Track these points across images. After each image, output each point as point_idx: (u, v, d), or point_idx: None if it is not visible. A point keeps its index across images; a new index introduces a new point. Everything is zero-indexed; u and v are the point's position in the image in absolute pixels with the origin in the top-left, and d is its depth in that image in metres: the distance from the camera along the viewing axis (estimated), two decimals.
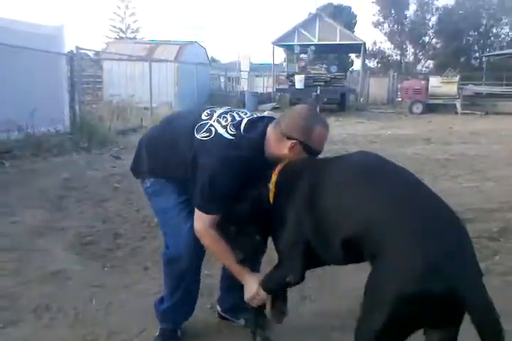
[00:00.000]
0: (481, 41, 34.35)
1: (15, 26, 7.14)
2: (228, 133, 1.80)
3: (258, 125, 1.85)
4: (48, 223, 3.82)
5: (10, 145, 6.50)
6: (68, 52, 8.65)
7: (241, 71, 22.90)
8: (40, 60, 7.51)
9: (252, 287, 1.82)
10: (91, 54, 18.32)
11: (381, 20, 32.69)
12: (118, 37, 34.57)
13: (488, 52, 31.12)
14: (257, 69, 24.92)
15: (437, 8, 32.45)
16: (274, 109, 15.56)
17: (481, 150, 7.84)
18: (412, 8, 32.10)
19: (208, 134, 1.80)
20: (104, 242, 3.40)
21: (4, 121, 6.35)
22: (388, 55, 34.14)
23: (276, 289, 1.82)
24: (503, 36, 35.06)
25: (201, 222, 1.80)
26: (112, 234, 3.55)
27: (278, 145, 1.80)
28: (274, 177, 1.73)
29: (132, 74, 13.17)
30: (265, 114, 13.69)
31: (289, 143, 1.76)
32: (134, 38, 33.40)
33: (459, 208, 4.05)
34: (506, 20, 34.33)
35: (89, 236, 3.52)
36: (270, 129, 1.83)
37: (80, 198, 4.60)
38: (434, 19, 32.47)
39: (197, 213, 1.81)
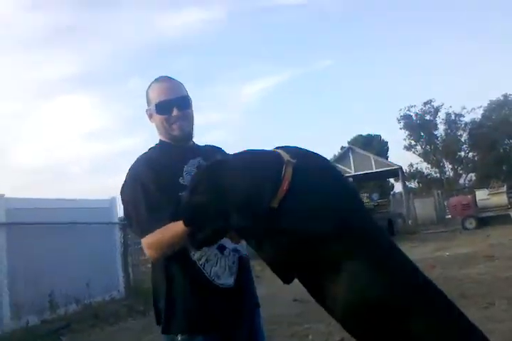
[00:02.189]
0: None
1: (74, 205, 7.84)
2: None
3: None
4: None
5: (68, 319, 6.60)
6: (121, 220, 9.25)
7: None
8: (94, 231, 8.04)
9: None
10: None
11: (413, 143, 33.77)
12: None
13: None
14: None
15: (466, 124, 33.47)
16: None
17: None
18: (441, 127, 33.25)
19: None
20: None
21: (62, 295, 6.57)
22: (427, 174, 34.45)
23: None
24: None
25: (148, 248, 1.62)
26: None
27: (156, 125, 1.84)
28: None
29: None
30: None
31: (148, 117, 1.84)
32: None
33: None
34: None
35: None
36: None
37: None
38: (465, 134, 33.28)
39: (144, 242, 1.62)
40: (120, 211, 9.26)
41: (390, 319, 1.28)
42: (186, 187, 1.55)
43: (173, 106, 1.79)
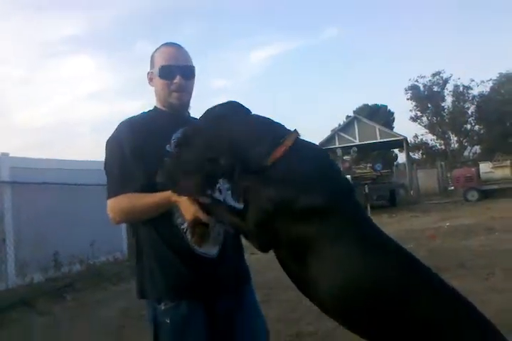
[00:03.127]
0: None
1: (79, 166, 7.82)
2: None
3: None
4: None
5: (71, 278, 6.73)
6: None
7: None
8: (99, 193, 8.04)
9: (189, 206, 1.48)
10: None
11: (419, 114, 33.44)
12: None
13: None
14: None
15: (474, 97, 33.03)
16: None
17: None
18: (449, 99, 32.83)
19: None
20: None
21: (67, 255, 6.67)
22: (432, 146, 34.28)
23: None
24: None
25: (111, 212, 1.65)
26: None
27: (154, 89, 1.81)
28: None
29: None
30: None
31: (148, 80, 1.81)
32: None
33: None
34: None
35: None
36: None
37: (140, 327, 4.57)
38: (472, 107, 32.88)
39: (108, 206, 1.66)
40: None
41: (386, 303, 1.23)
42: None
43: (177, 73, 1.75)
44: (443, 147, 33.50)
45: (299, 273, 1.32)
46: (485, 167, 16.87)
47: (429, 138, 34.45)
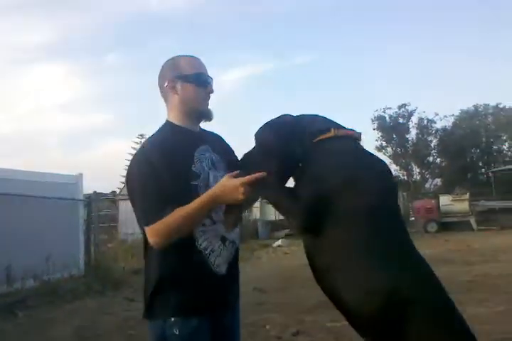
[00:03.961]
0: (485, 157, 35.48)
1: (40, 178, 7.65)
2: None
3: None
4: None
5: (24, 294, 6.47)
6: (86, 197, 9.09)
7: None
8: (58, 207, 7.88)
9: (235, 190, 1.55)
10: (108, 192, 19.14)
11: (384, 144, 34.25)
12: None
13: (493, 167, 31.92)
14: None
15: (437, 130, 34.19)
16: (287, 236, 15.56)
17: (505, 269, 7.58)
18: (413, 131, 33.80)
19: None
20: None
21: (20, 269, 6.43)
22: (396, 176, 35.09)
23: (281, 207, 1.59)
24: (504, 151, 36.32)
25: (153, 237, 1.59)
26: None
27: (168, 101, 1.77)
28: None
29: None
30: (279, 242, 13.36)
31: (167, 89, 1.74)
32: None
33: (493, 337, 3.80)
34: (504, 137, 35.93)
35: None
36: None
37: None
38: (435, 140, 33.97)
39: (147, 233, 1.61)
40: (85, 188, 9.10)
41: (397, 309, 1.35)
42: (198, 175, 1.67)
43: (210, 82, 1.79)
44: (405, 178, 34.30)
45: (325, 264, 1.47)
46: (445, 199, 17.33)
47: (393, 169, 35.27)
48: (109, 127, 55.28)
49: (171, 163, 1.63)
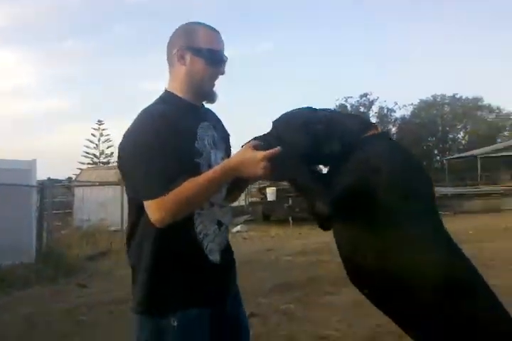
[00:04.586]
0: (440, 145, 36.60)
1: None
2: None
3: None
4: None
5: None
6: (39, 183, 8.82)
7: None
8: (10, 194, 7.62)
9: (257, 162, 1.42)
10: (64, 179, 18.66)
11: None
12: (92, 162, 35.50)
13: (448, 155, 33.02)
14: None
15: (396, 119, 34.98)
16: (246, 221, 15.63)
17: None
18: (374, 120, 34.47)
19: None
20: None
21: None
22: None
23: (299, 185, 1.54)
24: (459, 140, 37.56)
25: (159, 212, 1.41)
26: None
27: (173, 69, 1.62)
28: None
29: (104, 199, 13.33)
30: (238, 227, 13.43)
31: (175, 56, 1.58)
32: (108, 162, 34.33)
33: None
34: (459, 126, 37.12)
35: None
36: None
37: (40, 335, 4.32)
38: (394, 129, 34.74)
39: (150, 207, 1.42)
40: (40, 174, 8.83)
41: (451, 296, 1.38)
42: (200, 153, 1.53)
43: (224, 62, 1.64)
44: None
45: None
46: None
47: None
48: (65, 113, 53.86)
49: (176, 137, 1.47)
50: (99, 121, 35.92)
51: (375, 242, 1.44)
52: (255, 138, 1.54)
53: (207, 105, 1.72)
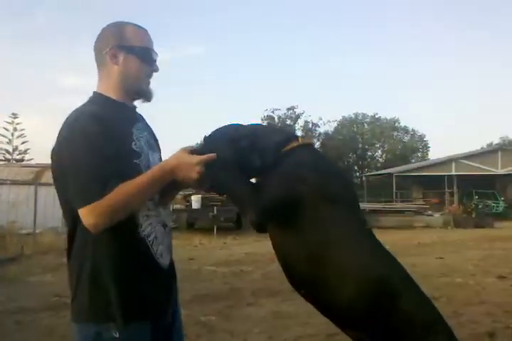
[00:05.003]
0: (360, 162, 38.27)
1: None
2: None
3: None
4: None
5: None
6: None
7: None
8: None
9: (190, 159, 1.43)
10: None
11: None
12: (4, 158, 33.24)
13: (367, 172, 34.60)
14: None
15: (320, 134, 36.13)
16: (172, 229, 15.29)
17: None
18: (299, 133, 35.36)
19: None
20: None
21: None
22: None
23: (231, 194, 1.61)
24: (377, 158, 39.51)
25: (92, 217, 1.34)
26: None
27: (104, 69, 1.56)
28: None
29: (16, 199, 12.51)
30: None
31: (106, 56, 1.53)
32: (22, 159, 32.35)
33: None
34: (378, 145, 39.09)
35: None
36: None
37: None
38: (318, 143, 35.84)
39: (83, 213, 1.35)
40: None
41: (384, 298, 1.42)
42: (139, 154, 1.48)
43: (155, 60, 1.61)
44: None
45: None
46: None
47: None
48: None
49: (112, 138, 1.41)
50: (13, 114, 33.65)
51: (304, 246, 1.51)
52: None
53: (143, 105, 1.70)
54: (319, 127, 36.13)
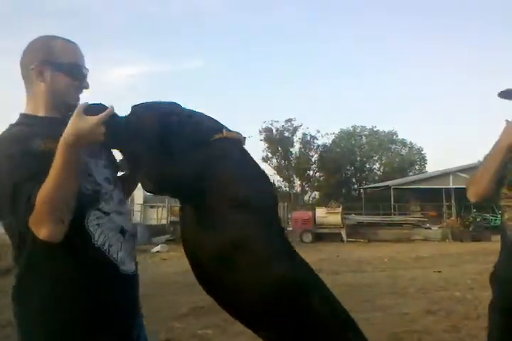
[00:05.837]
0: (358, 175, 38.25)
1: None
2: None
3: None
4: None
5: None
6: None
7: (134, 204, 22.66)
8: None
9: (89, 122, 1.33)
10: None
11: (270, 155, 35.36)
12: None
13: (365, 184, 34.59)
14: (152, 199, 24.87)
15: (318, 146, 36.17)
16: (168, 241, 15.27)
17: (367, 279, 8.13)
18: (297, 145, 35.38)
19: None
20: None
21: None
22: (278, 187, 36.37)
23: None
24: (375, 171, 39.53)
25: (42, 227, 1.28)
26: None
27: (30, 86, 1.50)
28: None
29: None
30: (158, 247, 12.90)
31: (32, 72, 1.46)
32: None
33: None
34: (376, 157, 39.16)
35: None
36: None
37: None
38: (316, 156, 35.87)
39: (32, 228, 1.29)
40: None
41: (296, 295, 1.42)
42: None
43: (85, 76, 1.56)
44: (287, 189, 35.68)
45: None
46: (320, 212, 18.31)
47: (276, 179, 36.54)
48: None
49: (36, 154, 1.35)
50: None
51: (206, 247, 1.50)
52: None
53: None
54: (317, 139, 36.22)
